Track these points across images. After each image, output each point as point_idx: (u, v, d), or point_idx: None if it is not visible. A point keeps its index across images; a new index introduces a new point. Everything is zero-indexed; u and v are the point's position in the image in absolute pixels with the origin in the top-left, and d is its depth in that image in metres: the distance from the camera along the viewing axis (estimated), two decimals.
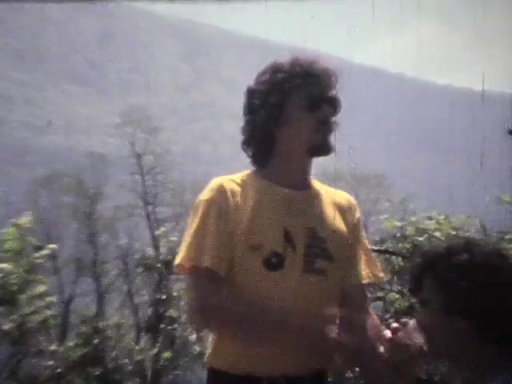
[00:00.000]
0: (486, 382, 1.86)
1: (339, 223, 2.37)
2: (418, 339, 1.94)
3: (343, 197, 2.46)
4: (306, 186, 2.38)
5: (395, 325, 1.95)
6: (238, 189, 2.32)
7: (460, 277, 1.92)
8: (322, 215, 2.36)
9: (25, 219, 9.54)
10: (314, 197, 2.38)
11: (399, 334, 1.92)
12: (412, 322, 1.95)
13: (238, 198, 2.30)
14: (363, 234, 2.46)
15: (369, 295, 3.74)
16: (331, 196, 2.42)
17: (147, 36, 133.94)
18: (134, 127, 23.15)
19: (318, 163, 2.58)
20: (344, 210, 2.41)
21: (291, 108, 2.29)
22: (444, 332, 1.92)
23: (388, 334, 1.94)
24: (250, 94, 2.33)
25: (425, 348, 1.89)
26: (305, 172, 2.39)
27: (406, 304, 7.19)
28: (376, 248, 4.99)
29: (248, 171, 2.39)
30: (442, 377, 5.15)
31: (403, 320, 2.00)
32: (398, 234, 6.31)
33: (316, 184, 2.42)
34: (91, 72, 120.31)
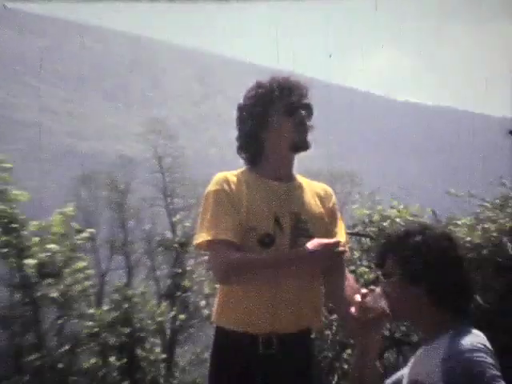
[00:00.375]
0: (436, 338, 1.88)
1: (318, 208, 2.41)
2: (382, 303, 1.91)
3: (321, 187, 2.50)
4: (291, 178, 2.42)
5: (364, 291, 1.95)
6: (237, 180, 2.35)
7: (415, 254, 1.94)
8: (304, 202, 2.39)
9: (68, 208, 9.52)
10: (298, 187, 2.41)
11: (367, 298, 1.91)
12: (377, 290, 1.94)
13: (238, 188, 2.33)
14: (339, 215, 2.48)
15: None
16: (311, 187, 2.46)
17: (166, 61, 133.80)
18: (155, 135, 23.03)
19: (303, 164, 2.60)
20: (322, 197, 2.43)
21: (273, 115, 2.34)
22: (402, 298, 1.93)
23: (358, 298, 1.92)
24: (240, 108, 2.41)
25: (387, 310, 1.90)
26: (289, 167, 2.43)
27: (373, 276, 7.33)
28: (349, 231, 4.99)
29: (243, 168, 2.44)
30: (402, 334, 5.11)
31: (371, 287, 2.00)
32: (367, 220, 6.18)
33: (299, 177, 2.46)
34: (120, 90, 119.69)
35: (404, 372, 2.01)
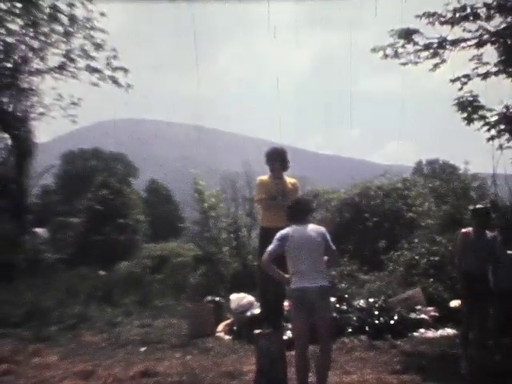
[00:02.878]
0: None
1: (290, 189, 5.85)
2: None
3: (293, 180, 5.96)
4: (281, 177, 5.89)
5: None
6: (265, 179, 5.88)
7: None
8: (285, 186, 5.86)
9: (217, 187, 14.95)
10: (283, 181, 5.89)
11: None
12: None
13: (266, 181, 5.87)
14: (297, 190, 6.01)
15: None
16: (289, 180, 5.92)
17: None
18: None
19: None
20: (292, 184, 5.92)
21: (269, 163, 5.92)
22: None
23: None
24: (265, 158, 5.95)
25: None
26: (280, 174, 5.90)
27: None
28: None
29: (268, 175, 5.95)
30: None
31: None
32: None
33: (284, 176, 5.96)
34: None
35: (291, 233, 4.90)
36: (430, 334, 7.64)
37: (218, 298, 9.36)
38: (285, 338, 5.81)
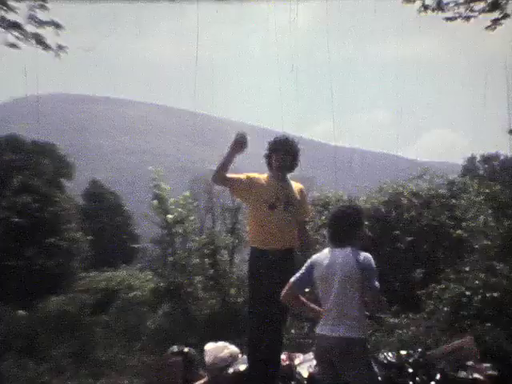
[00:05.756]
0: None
1: (296, 194, 6.07)
2: None
3: (298, 185, 6.25)
4: (285, 180, 6.12)
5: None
6: (262, 177, 6.18)
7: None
8: (291, 191, 6.08)
9: (186, 193, 16.17)
10: (288, 184, 6.12)
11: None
12: None
13: (262, 181, 6.11)
14: (306, 199, 6.44)
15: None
16: (294, 184, 6.18)
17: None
18: None
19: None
20: (298, 189, 6.23)
21: (272, 156, 6.15)
22: None
23: None
24: (266, 147, 6.20)
25: None
26: (283, 175, 6.13)
27: (322, 223, 13.36)
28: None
29: (267, 173, 6.21)
30: None
31: None
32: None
33: (288, 179, 6.21)
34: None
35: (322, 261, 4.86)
36: None
37: (187, 349, 9.31)
38: None
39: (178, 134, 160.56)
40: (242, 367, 7.91)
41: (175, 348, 9.55)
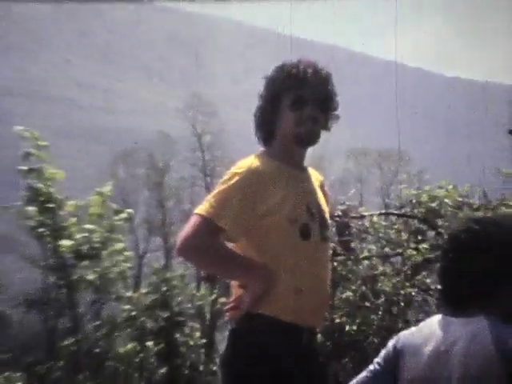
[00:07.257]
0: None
1: (320, 194, 2.95)
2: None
3: (316, 174, 3.03)
4: (304, 168, 2.90)
5: (342, 208, 3.43)
6: (266, 171, 2.74)
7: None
8: (316, 191, 2.91)
9: (106, 188, 10.42)
10: (310, 177, 2.92)
11: (343, 217, 3.37)
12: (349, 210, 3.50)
13: (269, 178, 2.71)
14: (327, 192, 3.10)
15: (390, 251, 5.23)
16: (313, 174, 2.98)
17: (206, 35, 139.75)
18: (194, 111, 25.59)
19: (348, 143, 4.55)
20: (319, 181, 3.02)
21: (283, 105, 2.77)
22: None
23: (339, 211, 3.35)
24: (264, 85, 2.85)
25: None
26: (302, 157, 2.86)
27: (420, 258, 8.37)
28: (396, 212, 5.70)
29: (260, 153, 2.84)
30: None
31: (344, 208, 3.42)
32: (414, 201, 7.35)
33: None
34: (159, 65, 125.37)
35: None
36: None
37: None
38: None
39: None
40: None
41: None
